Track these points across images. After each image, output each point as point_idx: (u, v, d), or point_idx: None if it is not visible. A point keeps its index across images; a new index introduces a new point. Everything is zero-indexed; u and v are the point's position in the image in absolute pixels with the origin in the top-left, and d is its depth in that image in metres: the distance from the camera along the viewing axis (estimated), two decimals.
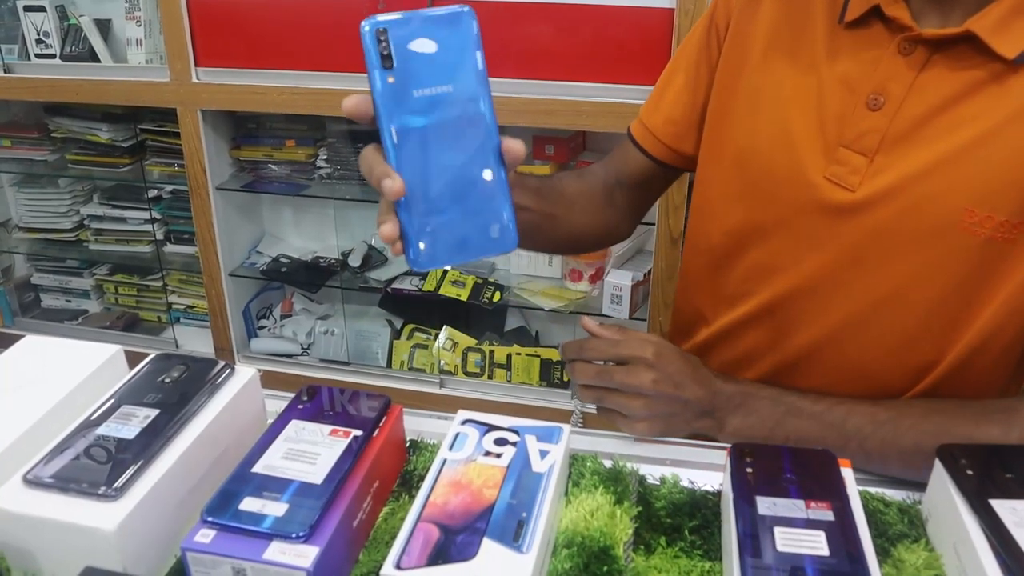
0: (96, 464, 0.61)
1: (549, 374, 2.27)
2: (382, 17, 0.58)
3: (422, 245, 0.59)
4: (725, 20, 0.87)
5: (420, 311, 2.42)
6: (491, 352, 2.30)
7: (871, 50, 0.74)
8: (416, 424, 0.79)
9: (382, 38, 0.58)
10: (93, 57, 2.21)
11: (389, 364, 2.43)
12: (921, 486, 0.69)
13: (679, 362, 0.77)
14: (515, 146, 0.59)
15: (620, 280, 2.11)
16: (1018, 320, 0.73)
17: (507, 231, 0.61)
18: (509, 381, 2.29)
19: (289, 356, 2.46)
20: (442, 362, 2.33)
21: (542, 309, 2.25)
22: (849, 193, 0.74)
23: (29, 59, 2.24)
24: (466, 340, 2.33)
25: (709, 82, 0.89)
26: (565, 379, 2.25)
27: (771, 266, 0.83)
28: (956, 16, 0.70)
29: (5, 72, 2.23)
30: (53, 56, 2.22)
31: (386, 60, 0.58)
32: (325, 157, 2.28)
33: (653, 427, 0.77)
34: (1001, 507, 0.59)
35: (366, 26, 0.58)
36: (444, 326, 2.35)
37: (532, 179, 0.91)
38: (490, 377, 2.31)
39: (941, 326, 0.76)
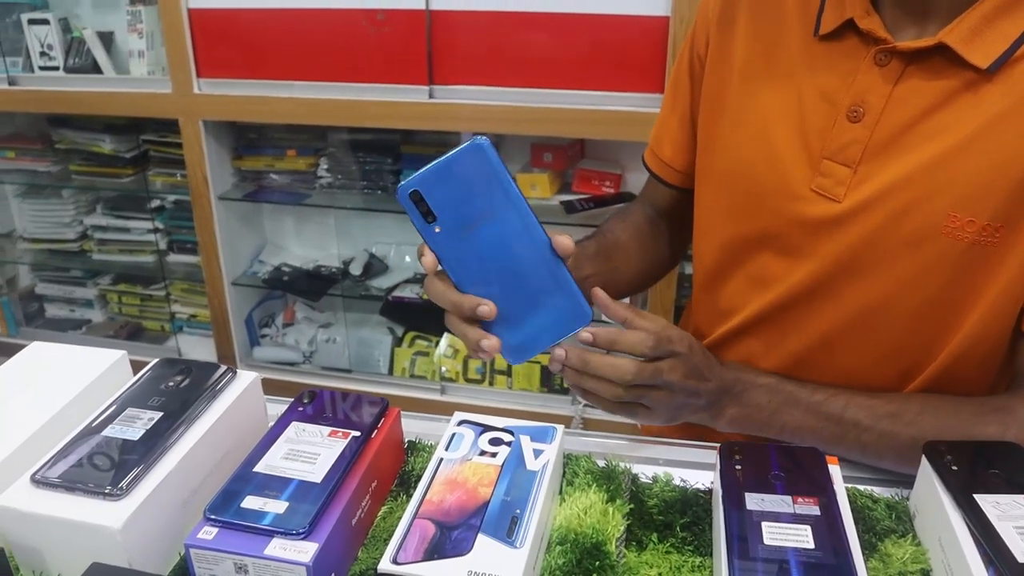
0: (102, 465, 0.63)
1: (550, 380, 2.28)
2: (410, 179, 0.63)
3: (514, 345, 0.69)
4: (704, 40, 0.88)
5: (421, 319, 2.43)
6: (492, 359, 2.30)
7: (847, 62, 0.75)
8: (415, 426, 0.81)
9: (416, 198, 0.63)
10: (96, 69, 2.23)
11: (391, 372, 2.44)
12: (909, 482, 0.71)
13: (700, 353, 0.75)
14: (564, 241, 0.66)
15: None
16: (1003, 323, 0.74)
17: (580, 309, 0.68)
18: (510, 387, 2.31)
19: (291, 364, 2.47)
20: (443, 369, 2.35)
21: None
22: (835, 204, 0.76)
23: (33, 71, 2.27)
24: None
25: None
26: (565, 385, 2.26)
27: (761, 279, 0.84)
28: (929, 27, 0.71)
29: (10, 84, 2.26)
30: (57, 68, 2.25)
31: (428, 216, 0.64)
32: (326, 166, 2.30)
33: (664, 418, 0.75)
34: (984, 501, 0.61)
35: (400, 191, 0.63)
36: (445, 333, 2.36)
37: (589, 245, 0.93)
38: (491, 384, 2.32)
39: (929, 331, 0.77)
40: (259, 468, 0.64)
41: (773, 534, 0.58)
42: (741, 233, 0.84)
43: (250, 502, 0.61)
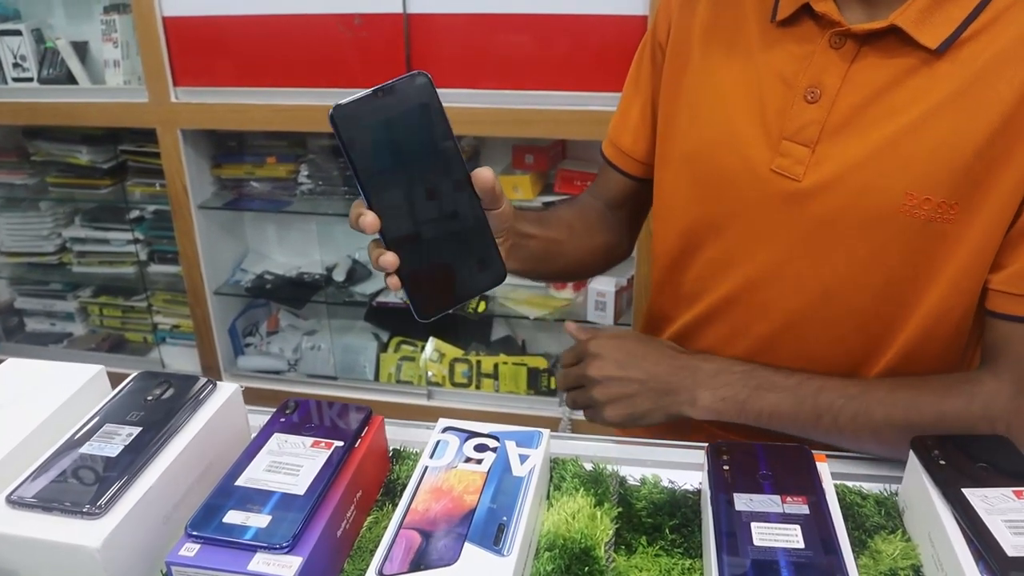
0: (80, 483, 0.61)
1: (537, 382, 2.28)
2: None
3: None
4: (665, 29, 0.89)
5: (406, 324, 2.42)
6: (478, 362, 2.30)
7: (804, 45, 0.77)
8: (400, 434, 0.80)
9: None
10: (71, 80, 2.21)
11: (377, 377, 2.43)
12: (898, 478, 0.71)
13: (621, 347, 0.83)
14: (481, 173, 0.67)
15: (604, 287, 2.12)
16: (965, 301, 0.76)
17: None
18: (497, 391, 2.30)
19: (277, 373, 2.45)
20: (429, 374, 2.34)
21: (527, 318, 2.26)
22: (795, 183, 0.77)
23: (7, 83, 2.24)
24: (453, 351, 2.33)
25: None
26: (552, 387, 2.26)
27: (725, 261, 0.85)
28: (882, 10, 0.73)
29: None
30: (31, 80, 2.22)
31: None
32: (307, 173, 2.29)
33: (617, 410, 0.82)
34: (973, 495, 0.60)
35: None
36: (430, 338, 2.35)
37: (531, 212, 0.94)
38: (478, 387, 2.31)
39: (890, 308, 0.78)
40: (241, 481, 0.63)
41: (762, 535, 0.58)
42: (703, 216, 0.85)
43: (232, 516, 0.59)
